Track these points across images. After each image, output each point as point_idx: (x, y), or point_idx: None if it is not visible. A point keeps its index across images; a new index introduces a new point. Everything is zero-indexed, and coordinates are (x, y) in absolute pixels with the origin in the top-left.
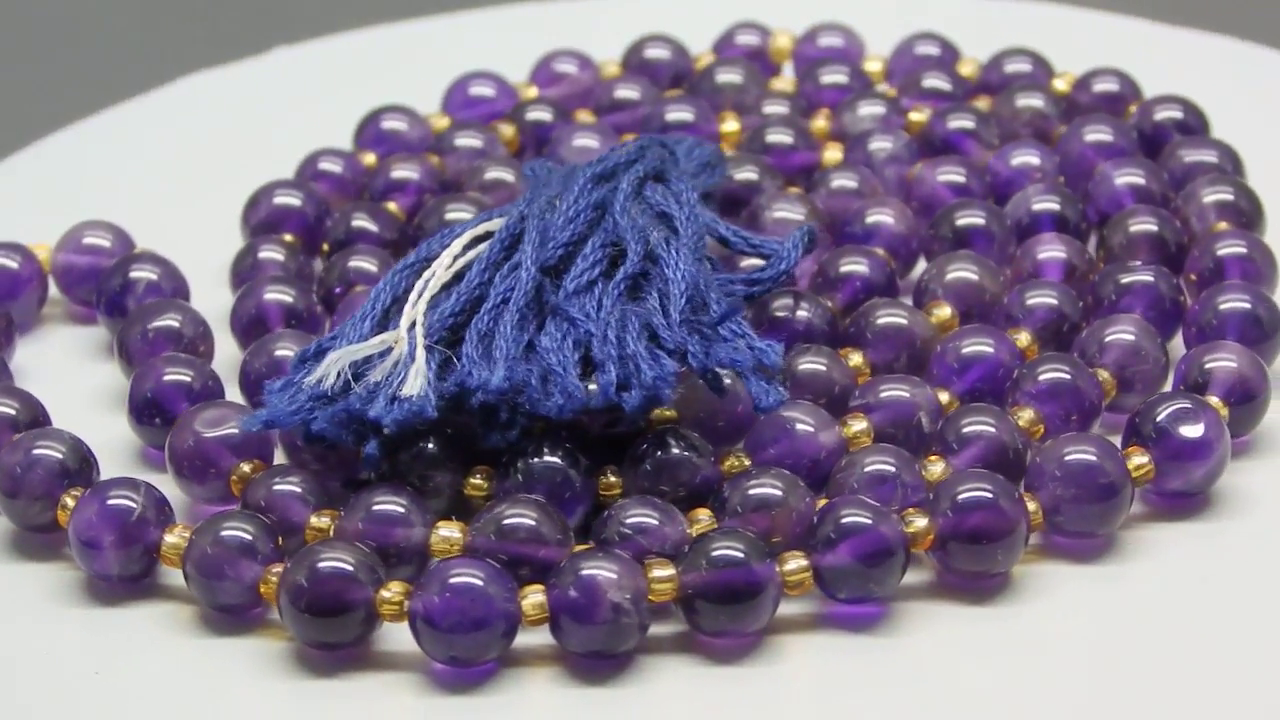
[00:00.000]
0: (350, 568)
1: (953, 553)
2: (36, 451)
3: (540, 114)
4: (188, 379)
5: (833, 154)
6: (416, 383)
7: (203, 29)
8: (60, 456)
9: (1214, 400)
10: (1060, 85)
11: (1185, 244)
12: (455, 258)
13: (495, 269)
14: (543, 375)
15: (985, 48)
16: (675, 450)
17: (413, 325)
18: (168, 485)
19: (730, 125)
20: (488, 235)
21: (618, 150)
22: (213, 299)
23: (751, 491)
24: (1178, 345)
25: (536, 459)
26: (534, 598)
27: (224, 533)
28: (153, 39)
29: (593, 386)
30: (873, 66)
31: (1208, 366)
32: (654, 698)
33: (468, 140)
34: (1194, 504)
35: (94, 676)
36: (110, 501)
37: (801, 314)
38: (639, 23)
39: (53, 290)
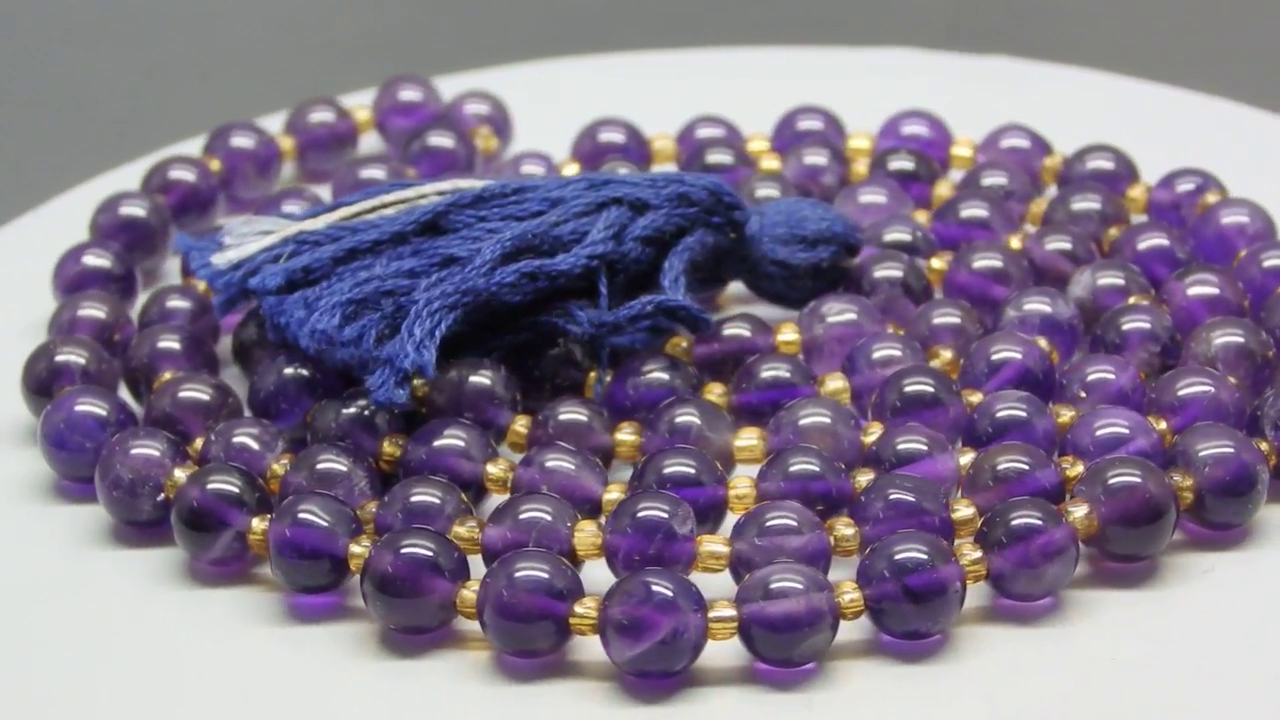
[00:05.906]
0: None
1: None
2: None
3: (903, 164)
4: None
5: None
6: (225, 257)
7: None
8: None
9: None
10: None
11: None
12: (422, 195)
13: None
14: (302, 297)
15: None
16: (351, 411)
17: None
18: None
19: None
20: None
21: (650, 175)
22: None
23: (318, 466)
24: None
25: (285, 367)
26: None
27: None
28: None
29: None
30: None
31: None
32: None
33: (815, 158)
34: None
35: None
36: None
37: (659, 376)
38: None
39: None
